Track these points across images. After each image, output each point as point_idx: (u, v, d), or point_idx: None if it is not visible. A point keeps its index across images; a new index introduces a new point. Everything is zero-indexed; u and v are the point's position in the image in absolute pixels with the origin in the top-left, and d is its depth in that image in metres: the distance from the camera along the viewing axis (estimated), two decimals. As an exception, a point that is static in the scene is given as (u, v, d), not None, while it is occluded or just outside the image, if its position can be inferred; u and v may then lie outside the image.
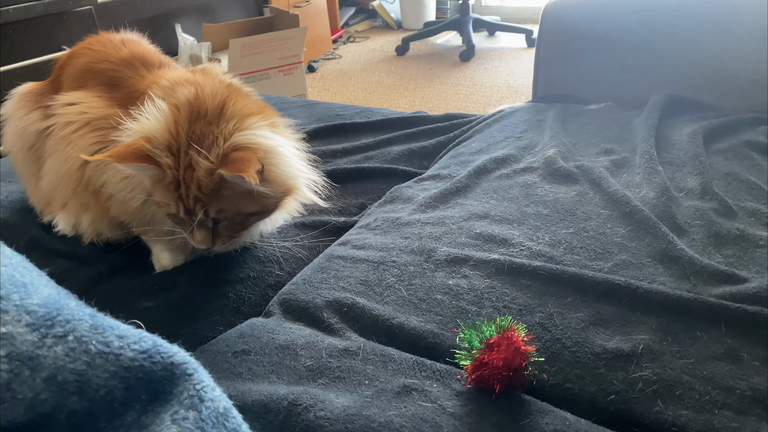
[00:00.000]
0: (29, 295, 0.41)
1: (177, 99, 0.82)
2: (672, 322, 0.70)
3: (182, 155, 0.79)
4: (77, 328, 0.41)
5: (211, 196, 0.79)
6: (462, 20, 3.65)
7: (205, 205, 0.79)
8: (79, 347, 0.40)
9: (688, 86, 1.31)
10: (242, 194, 0.80)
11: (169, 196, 0.80)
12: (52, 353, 0.39)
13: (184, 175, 0.79)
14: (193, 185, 0.78)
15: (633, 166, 1.05)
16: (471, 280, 0.80)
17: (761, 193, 0.94)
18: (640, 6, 1.37)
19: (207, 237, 0.82)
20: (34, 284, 0.44)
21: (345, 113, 1.50)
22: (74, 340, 0.40)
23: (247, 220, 0.85)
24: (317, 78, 3.42)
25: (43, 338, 0.39)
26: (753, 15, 1.25)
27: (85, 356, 0.40)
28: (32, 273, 0.46)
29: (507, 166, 1.09)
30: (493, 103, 2.84)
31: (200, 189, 0.79)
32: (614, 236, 0.86)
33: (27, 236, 1.02)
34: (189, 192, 0.79)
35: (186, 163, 0.78)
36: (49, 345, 0.39)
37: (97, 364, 0.40)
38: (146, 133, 0.79)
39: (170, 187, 0.79)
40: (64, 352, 0.39)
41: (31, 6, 1.85)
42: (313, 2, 3.48)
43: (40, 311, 0.40)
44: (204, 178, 0.78)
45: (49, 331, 0.40)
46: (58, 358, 0.39)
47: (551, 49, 1.48)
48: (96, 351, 0.40)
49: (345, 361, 0.69)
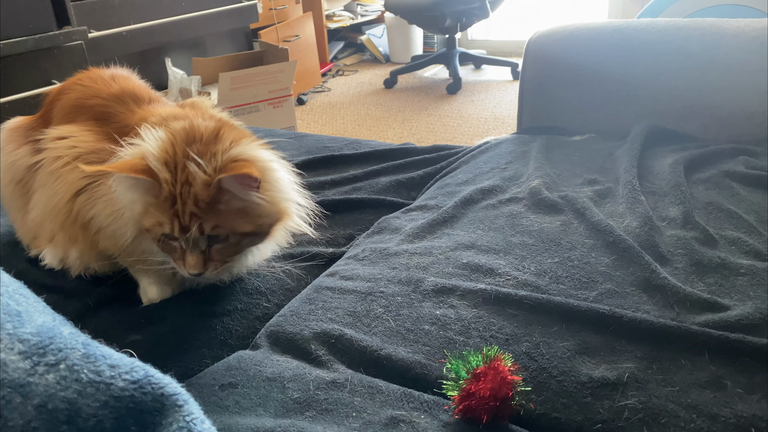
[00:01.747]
0: (23, 323, 0.42)
1: (172, 128, 0.84)
2: (656, 350, 0.71)
3: (179, 171, 0.79)
4: (69, 357, 0.41)
5: (207, 211, 0.79)
6: (449, 54, 3.72)
7: (201, 222, 0.79)
8: (71, 375, 0.40)
9: (669, 117, 1.34)
10: (238, 211, 0.81)
11: (163, 214, 0.80)
12: (43, 381, 0.39)
13: (180, 191, 0.79)
14: (190, 200, 0.79)
15: (616, 196, 1.07)
16: (458, 310, 0.80)
17: (742, 222, 0.96)
18: (621, 40, 1.40)
19: (199, 261, 0.82)
20: (29, 312, 0.44)
21: (334, 145, 1.51)
22: (66, 368, 0.40)
23: (241, 242, 0.84)
24: (307, 110, 3.46)
25: (35, 366, 0.39)
26: (729, 49, 1.29)
27: (76, 385, 0.40)
28: (28, 300, 0.46)
29: (493, 197, 1.11)
30: (479, 135, 2.88)
31: (197, 204, 0.79)
32: (598, 265, 0.87)
33: (14, 269, 1.01)
34: (185, 208, 0.79)
35: (183, 179, 0.79)
36: (40, 373, 0.39)
37: (88, 393, 0.40)
38: (145, 151, 0.80)
39: (165, 204, 0.79)
40: (56, 380, 0.40)
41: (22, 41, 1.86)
42: (302, 36, 3.53)
43: (32, 339, 0.41)
44: (201, 192, 0.78)
45: (41, 359, 0.40)
46: (49, 386, 0.39)
47: (535, 82, 1.51)
48: (87, 380, 0.40)
49: (332, 393, 0.69)
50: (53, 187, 0.91)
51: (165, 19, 2.65)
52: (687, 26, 1.36)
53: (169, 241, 0.82)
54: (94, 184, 0.89)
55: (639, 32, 1.39)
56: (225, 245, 0.83)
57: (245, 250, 0.88)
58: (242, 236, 0.83)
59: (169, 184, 0.79)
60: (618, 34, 1.41)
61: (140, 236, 0.86)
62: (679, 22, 1.38)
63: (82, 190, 0.90)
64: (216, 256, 0.83)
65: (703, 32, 1.33)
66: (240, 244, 0.85)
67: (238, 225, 0.82)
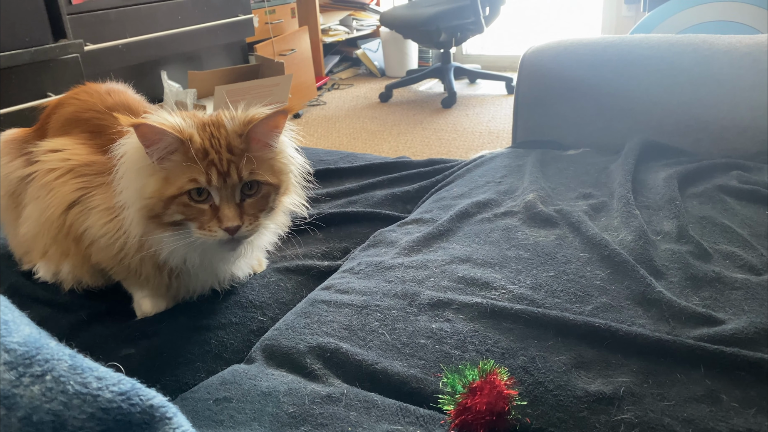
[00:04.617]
0: (9, 332, 0.41)
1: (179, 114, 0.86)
2: (652, 364, 0.71)
3: (201, 130, 0.82)
4: (56, 368, 0.41)
5: (242, 157, 0.81)
6: (444, 68, 3.74)
7: (238, 166, 0.80)
8: (57, 387, 0.40)
9: (663, 132, 1.35)
10: (266, 162, 0.85)
11: (196, 169, 0.79)
12: (28, 392, 0.39)
13: (210, 144, 0.80)
14: (223, 150, 0.80)
15: (611, 210, 1.07)
16: (454, 324, 0.80)
17: (735, 236, 0.96)
18: (615, 55, 1.42)
19: (236, 212, 0.81)
20: (16, 323, 0.43)
21: (329, 158, 1.51)
22: (52, 380, 0.40)
23: (269, 196, 0.85)
24: (302, 124, 3.47)
25: (20, 377, 0.39)
26: (721, 65, 1.30)
27: (62, 396, 0.39)
28: (14, 313, 0.46)
29: (488, 210, 1.11)
30: (474, 149, 2.89)
31: (231, 152, 0.81)
32: (594, 279, 0.87)
33: (7, 283, 1.01)
34: (221, 156, 0.80)
35: (208, 135, 0.81)
36: (26, 384, 0.39)
37: (74, 405, 0.39)
38: (161, 120, 0.81)
39: (199, 156, 0.79)
40: (41, 391, 0.39)
41: (18, 54, 1.87)
42: (298, 50, 3.55)
43: (19, 350, 0.40)
44: (234, 140, 0.82)
45: (26, 370, 0.39)
46: (34, 398, 0.38)
47: (530, 97, 1.52)
48: (74, 391, 0.40)
49: (328, 408, 0.68)
50: (46, 199, 0.90)
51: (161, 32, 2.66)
52: (680, 42, 1.37)
53: (198, 204, 0.81)
54: (88, 196, 0.89)
55: (633, 47, 1.40)
56: (256, 199, 0.84)
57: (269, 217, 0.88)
58: (269, 188, 0.85)
59: (199, 138, 0.80)
60: (612, 49, 1.42)
61: (149, 228, 0.84)
62: (672, 38, 1.39)
63: (76, 203, 0.89)
64: (249, 209, 0.83)
65: (695, 48, 1.34)
66: (268, 198, 0.85)
67: (267, 175, 0.84)
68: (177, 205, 0.81)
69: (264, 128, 0.83)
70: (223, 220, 0.80)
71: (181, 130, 0.80)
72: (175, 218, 0.82)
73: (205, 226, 0.81)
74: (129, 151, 0.83)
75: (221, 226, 0.80)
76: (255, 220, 0.83)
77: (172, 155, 0.80)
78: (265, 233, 0.92)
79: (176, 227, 0.83)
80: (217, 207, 0.81)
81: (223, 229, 0.80)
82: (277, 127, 0.85)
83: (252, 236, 0.85)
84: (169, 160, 0.81)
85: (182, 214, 0.81)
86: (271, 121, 0.83)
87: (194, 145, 0.79)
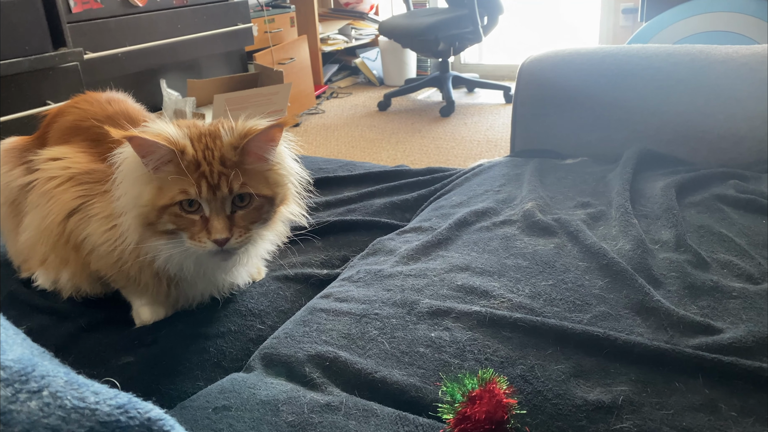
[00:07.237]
0: (4, 351, 0.41)
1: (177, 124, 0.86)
2: (651, 373, 0.71)
3: (196, 141, 0.82)
4: (52, 384, 0.40)
5: (233, 171, 0.81)
6: (442, 77, 3.75)
7: (229, 179, 0.80)
8: (54, 402, 0.40)
9: (660, 141, 1.35)
10: (260, 174, 0.84)
11: (186, 181, 0.79)
12: (25, 408, 0.38)
13: (203, 156, 0.80)
14: (215, 162, 0.80)
15: (609, 219, 1.08)
16: (453, 333, 0.80)
17: (733, 246, 0.97)
18: (612, 65, 1.43)
19: (226, 224, 0.81)
20: (9, 342, 0.43)
21: (328, 167, 1.52)
22: (49, 395, 0.40)
23: (262, 208, 0.85)
24: (301, 132, 3.47)
25: (16, 393, 0.39)
26: (718, 75, 1.31)
27: (60, 411, 0.39)
28: (8, 331, 0.46)
29: (487, 219, 1.11)
30: (472, 157, 2.90)
31: (224, 164, 0.81)
32: (592, 288, 0.88)
33: (6, 291, 1.00)
34: (212, 168, 0.80)
35: (203, 146, 0.81)
36: (22, 400, 0.39)
37: (73, 419, 0.39)
38: (158, 129, 0.82)
39: (190, 169, 0.80)
40: (38, 407, 0.39)
41: (17, 62, 1.87)
42: (297, 59, 3.56)
43: (14, 366, 0.40)
44: (228, 152, 0.81)
45: (23, 386, 0.39)
46: (32, 413, 0.38)
47: (528, 106, 1.53)
48: (71, 406, 0.40)
49: (327, 417, 0.68)
50: (45, 207, 0.91)
51: (160, 41, 2.67)
52: (677, 52, 1.38)
53: (188, 215, 0.81)
54: (88, 204, 0.89)
55: (630, 57, 1.41)
56: (248, 210, 0.83)
57: (260, 231, 0.87)
58: (263, 200, 0.84)
59: (192, 149, 0.80)
60: (610, 59, 1.43)
61: (145, 235, 0.84)
62: (669, 48, 1.40)
63: (76, 210, 0.89)
64: (240, 221, 0.83)
65: (692, 58, 1.35)
66: (261, 210, 0.85)
67: (260, 187, 0.83)
68: (169, 215, 0.81)
69: (259, 142, 0.83)
70: (212, 232, 0.81)
71: (174, 141, 0.80)
72: (168, 227, 0.82)
73: (196, 237, 0.82)
74: (127, 159, 0.83)
75: (210, 238, 0.81)
76: (246, 231, 0.83)
77: (166, 165, 0.81)
78: (263, 242, 0.92)
79: (170, 235, 0.83)
80: (207, 218, 0.81)
81: (212, 241, 0.81)
82: (272, 141, 0.84)
83: (243, 247, 0.85)
84: (164, 170, 0.81)
85: (174, 223, 0.82)
86: (267, 135, 0.83)
87: (186, 156, 0.80)
